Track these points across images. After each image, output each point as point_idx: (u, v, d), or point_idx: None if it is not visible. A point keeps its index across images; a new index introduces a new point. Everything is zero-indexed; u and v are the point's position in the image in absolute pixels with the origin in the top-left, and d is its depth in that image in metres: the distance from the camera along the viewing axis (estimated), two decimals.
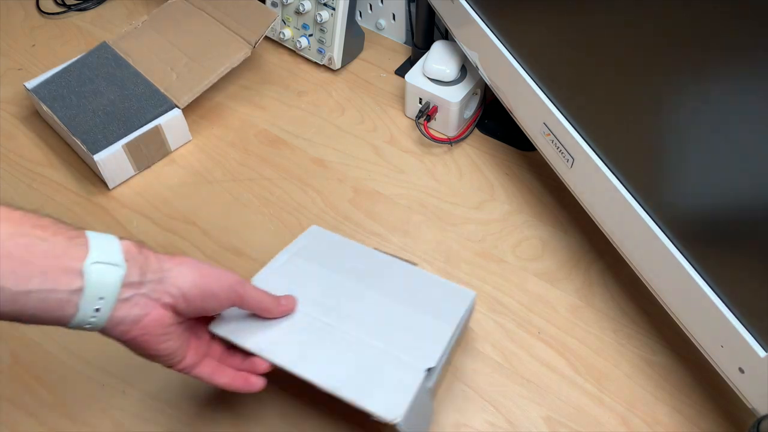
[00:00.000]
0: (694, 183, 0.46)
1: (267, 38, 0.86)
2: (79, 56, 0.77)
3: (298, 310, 0.51)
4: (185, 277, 0.42)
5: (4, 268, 0.35)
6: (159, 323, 0.42)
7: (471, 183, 0.72)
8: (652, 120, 0.47)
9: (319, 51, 0.82)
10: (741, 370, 0.45)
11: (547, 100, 0.57)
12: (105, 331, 0.41)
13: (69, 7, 0.92)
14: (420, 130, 0.73)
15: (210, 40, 0.77)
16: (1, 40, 0.88)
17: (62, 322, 0.39)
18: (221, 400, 0.57)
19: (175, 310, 0.43)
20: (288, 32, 0.84)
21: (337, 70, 0.83)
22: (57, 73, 0.76)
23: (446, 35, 0.80)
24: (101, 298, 0.39)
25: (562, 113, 0.56)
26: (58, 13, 0.91)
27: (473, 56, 0.68)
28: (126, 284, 0.40)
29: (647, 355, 0.59)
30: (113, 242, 0.40)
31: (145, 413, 0.56)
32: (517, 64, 0.60)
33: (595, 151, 0.54)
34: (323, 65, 0.83)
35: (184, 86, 0.73)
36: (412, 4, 0.81)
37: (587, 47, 0.51)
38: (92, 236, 0.39)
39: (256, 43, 0.75)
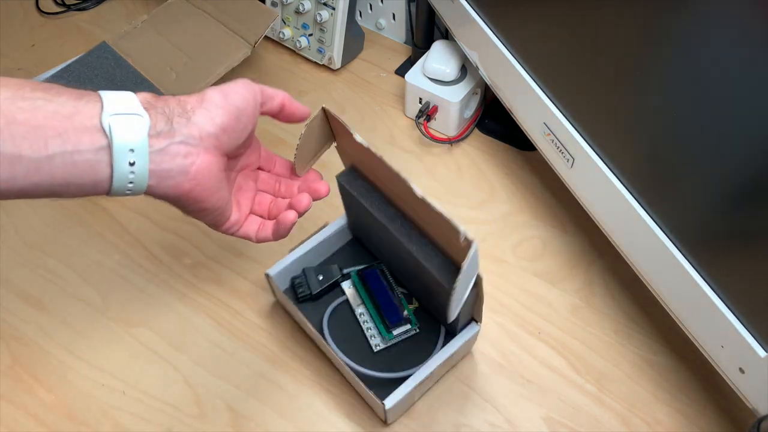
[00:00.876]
0: (694, 183, 0.46)
1: (267, 38, 0.86)
2: (78, 56, 0.77)
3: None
4: (211, 103, 0.39)
5: (15, 134, 0.32)
6: (209, 170, 0.39)
7: (471, 183, 0.72)
8: (652, 120, 0.47)
9: (319, 51, 0.82)
10: (741, 371, 0.45)
11: (548, 99, 0.57)
12: (155, 191, 0.38)
13: (68, 7, 0.92)
14: (420, 130, 0.73)
15: (210, 39, 0.77)
16: (1, 39, 0.88)
17: (102, 187, 0.36)
18: (221, 400, 0.57)
19: (221, 150, 0.40)
20: (288, 32, 0.84)
21: (337, 69, 0.83)
22: (56, 73, 0.76)
23: (446, 35, 0.80)
24: (132, 150, 0.36)
25: (562, 113, 0.56)
26: (57, 13, 0.91)
27: (473, 56, 0.68)
28: (155, 134, 0.37)
29: (647, 355, 0.59)
30: (127, 94, 0.37)
31: (144, 413, 0.56)
32: (518, 64, 0.60)
33: (595, 151, 0.54)
34: (323, 65, 0.83)
35: (183, 86, 0.73)
36: (412, 3, 0.81)
37: (588, 47, 0.51)
38: (103, 93, 0.37)
39: (255, 43, 0.75)
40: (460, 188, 0.71)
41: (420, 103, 0.74)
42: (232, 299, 0.63)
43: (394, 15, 0.85)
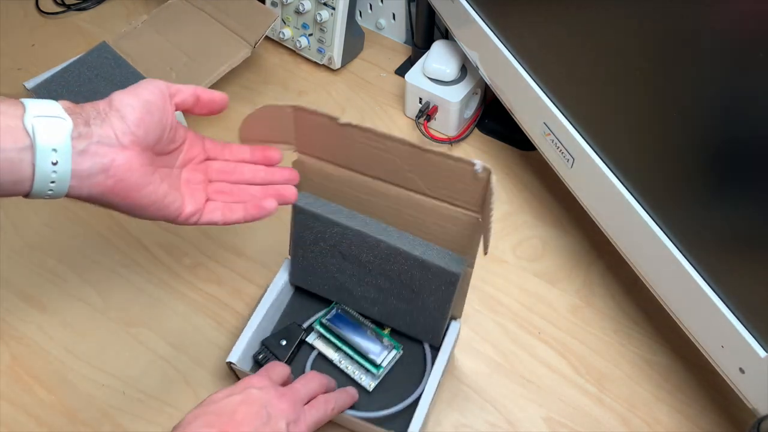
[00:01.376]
0: (694, 183, 0.46)
1: (267, 38, 0.86)
2: (78, 56, 0.77)
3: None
4: (125, 107, 0.40)
5: None
6: (129, 166, 0.40)
7: None
8: (652, 120, 0.47)
9: (319, 51, 0.82)
10: (741, 371, 0.45)
11: (548, 99, 0.57)
12: (78, 192, 0.39)
13: (68, 7, 0.92)
14: (420, 130, 0.73)
15: (210, 40, 0.77)
16: (1, 39, 0.88)
17: (23, 186, 0.38)
18: None
19: (140, 146, 0.41)
20: (288, 32, 0.84)
21: (337, 69, 0.83)
22: (56, 73, 0.76)
23: (446, 35, 0.80)
24: (54, 150, 0.37)
25: (562, 113, 0.56)
26: (57, 13, 0.91)
27: (473, 56, 0.68)
28: (76, 136, 0.38)
29: (647, 355, 0.59)
30: (49, 101, 0.39)
31: (144, 413, 0.56)
32: (518, 64, 0.60)
33: (595, 151, 0.54)
34: (323, 65, 0.83)
35: None
36: (412, 3, 0.81)
37: (588, 47, 0.51)
38: (25, 99, 0.38)
39: (256, 43, 0.75)
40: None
41: (420, 103, 0.74)
42: (232, 299, 0.63)
43: (394, 15, 0.85)
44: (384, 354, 0.55)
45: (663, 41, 0.44)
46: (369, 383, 0.55)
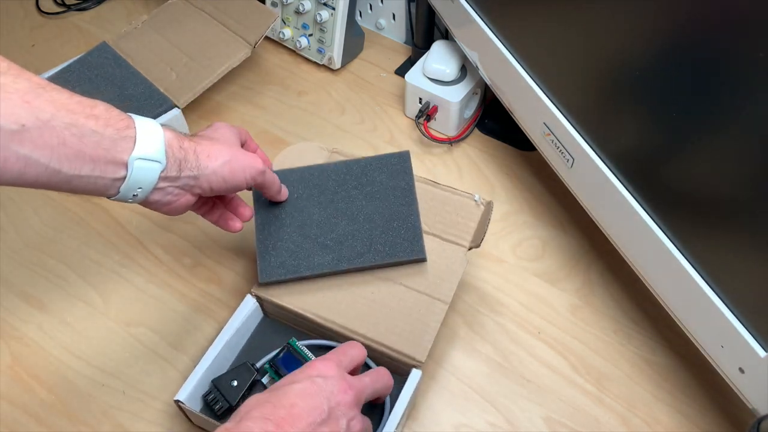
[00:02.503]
0: (694, 183, 0.46)
1: (267, 38, 0.86)
2: (78, 56, 0.77)
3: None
4: (217, 176, 0.47)
5: (62, 155, 0.39)
6: (185, 206, 0.48)
7: (471, 183, 0.72)
8: (652, 120, 0.47)
9: (319, 51, 0.82)
10: (741, 370, 0.45)
11: (547, 99, 0.57)
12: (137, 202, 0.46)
13: (69, 7, 0.92)
14: (420, 130, 0.73)
15: (210, 40, 0.77)
16: (1, 39, 0.88)
17: (105, 196, 0.44)
18: None
19: (201, 197, 0.49)
20: (288, 32, 0.84)
21: (337, 69, 0.83)
22: (56, 73, 0.76)
23: (446, 35, 0.80)
24: (140, 188, 0.44)
25: (562, 113, 0.56)
26: (57, 13, 0.91)
27: (473, 56, 0.68)
28: (163, 177, 0.44)
29: (647, 355, 0.59)
30: (158, 136, 0.44)
31: (144, 413, 0.56)
32: (517, 64, 0.60)
33: (595, 151, 0.54)
34: (323, 65, 0.83)
35: (183, 86, 0.73)
36: (412, 3, 0.81)
37: (587, 47, 0.51)
38: (140, 128, 0.43)
39: (256, 43, 0.75)
40: (460, 188, 0.71)
41: (420, 103, 0.74)
42: (232, 299, 0.63)
43: (394, 15, 0.85)
44: None
45: (663, 41, 0.44)
46: None
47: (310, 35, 0.82)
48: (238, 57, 0.74)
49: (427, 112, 0.73)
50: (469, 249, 0.56)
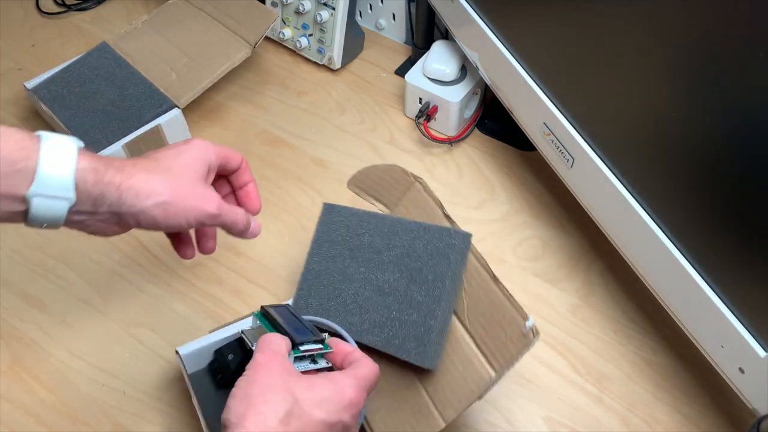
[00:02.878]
0: (694, 182, 0.46)
1: (267, 38, 0.86)
2: (78, 56, 0.77)
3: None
4: (146, 215, 0.41)
5: None
6: (118, 232, 0.43)
7: (471, 183, 0.72)
8: (652, 120, 0.47)
9: (319, 51, 0.82)
10: (741, 370, 0.45)
11: (547, 99, 0.57)
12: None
13: (69, 7, 0.92)
14: (420, 130, 0.73)
15: (210, 40, 0.77)
16: (1, 40, 0.88)
17: (16, 222, 0.39)
18: None
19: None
20: (288, 32, 0.84)
21: (337, 69, 0.83)
22: (57, 73, 0.76)
23: (446, 35, 0.80)
24: (46, 223, 0.39)
25: (562, 113, 0.56)
26: (57, 13, 0.91)
27: (473, 56, 0.68)
28: (76, 211, 0.39)
29: (647, 355, 0.59)
30: (66, 169, 0.38)
31: (145, 414, 0.56)
32: (517, 64, 0.60)
33: (595, 151, 0.54)
34: (323, 65, 0.83)
35: (183, 86, 0.73)
36: (412, 3, 0.81)
37: (587, 47, 0.51)
38: (45, 158, 0.37)
39: (256, 44, 0.75)
40: (460, 188, 0.71)
41: (420, 103, 0.74)
42: (232, 299, 0.63)
43: (394, 15, 0.85)
44: (307, 340, 0.47)
45: (663, 40, 0.44)
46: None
47: (310, 35, 0.82)
48: (238, 57, 0.74)
49: (427, 112, 0.73)
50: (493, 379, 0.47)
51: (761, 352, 0.43)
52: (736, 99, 0.40)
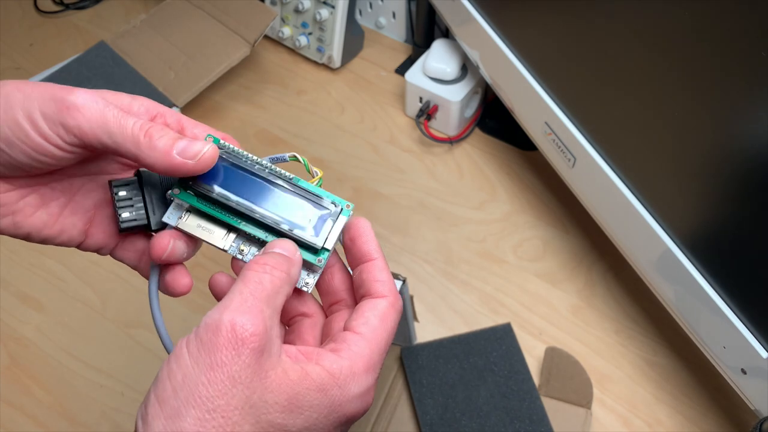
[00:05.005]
0: (697, 183, 0.45)
1: (266, 37, 0.86)
2: (76, 55, 0.77)
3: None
4: None
5: None
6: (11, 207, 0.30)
7: (472, 183, 0.72)
8: (654, 119, 0.47)
9: (319, 50, 0.82)
10: (743, 371, 0.45)
11: (549, 99, 0.57)
12: None
13: (67, 6, 0.91)
14: (420, 130, 0.73)
15: (209, 39, 0.76)
16: None
17: None
18: None
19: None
20: (287, 31, 0.83)
21: (337, 68, 0.82)
22: (55, 72, 0.75)
23: (447, 33, 0.79)
24: None
25: (563, 112, 0.56)
26: (56, 12, 0.91)
27: (474, 55, 0.68)
28: None
29: (649, 356, 0.59)
30: None
31: None
32: (519, 63, 0.60)
33: (597, 151, 0.53)
34: (323, 64, 0.83)
35: (182, 85, 0.73)
36: (412, 2, 0.81)
37: (589, 46, 0.51)
38: None
39: (255, 42, 0.74)
40: (460, 188, 0.71)
41: (420, 102, 0.74)
42: None
43: (394, 13, 0.85)
44: (325, 224, 0.32)
45: (666, 40, 0.43)
46: (303, 284, 0.33)
47: (310, 34, 0.82)
48: (237, 56, 0.74)
49: (427, 112, 0.73)
50: None
51: (763, 353, 0.43)
52: (741, 100, 0.40)
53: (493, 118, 0.77)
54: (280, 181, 0.32)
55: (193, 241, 0.35)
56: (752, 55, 0.37)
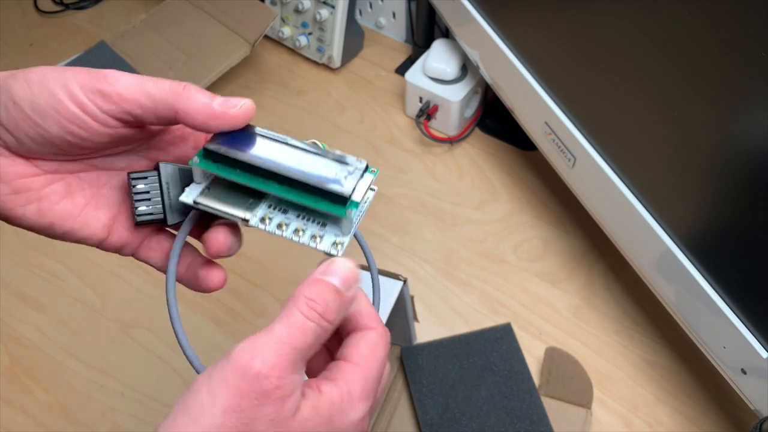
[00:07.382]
0: (697, 183, 0.45)
1: (266, 37, 0.86)
2: (76, 55, 0.77)
3: None
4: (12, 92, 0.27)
5: None
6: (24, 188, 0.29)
7: (472, 183, 0.72)
8: (654, 119, 0.47)
9: (319, 50, 0.82)
10: (743, 371, 0.45)
11: (549, 98, 0.57)
12: None
13: (67, 6, 0.91)
14: (420, 130, 0.73)
15: (209, 39, 0.76)
16: None
17: None
18: None
19: (10, 149, 0.29)
20: (287, 31, 0.83)
21: (337, 68, 0.82)
22: None
23: (447, 33, 0.79)
24: None
25: (563, 112, 0.56)
26: (56, 12, 0.91)
27: (474, 55, 0.68)
28: None
29: (649, 356, 0.59)
30: None
31: (143, 415, 0.56)
32: (519, 63, 0.60)
33: (597, 151, 0.53)
34: (323, 64, 0.83)
35: None
36: (412, 2, 0.81)
37: (589, 45, 0.51)
38: None
39: (255, 42, 0.74)
40: (460, 188, 0.71)
41: (420, 102, 0.74)
42: (231, 299, 0.63)
43: (394, 13, 0.85)
44: (351, 178, 0.31)
45: (665, 40, 0.43)
46: (332, 244, 0.31)
47: (310, 34, 0.82)
48: (237, 56, 0.74)
49: (427, 112, 0.73)
50: None
51: (763, 353, 0.43)
52: (741, 100, 0.39)
53: (493, 118, 0.76)
54: (302, 145, 0.32)
55: (239, 231, 0.34)
56: (752, 55, 0.37)
